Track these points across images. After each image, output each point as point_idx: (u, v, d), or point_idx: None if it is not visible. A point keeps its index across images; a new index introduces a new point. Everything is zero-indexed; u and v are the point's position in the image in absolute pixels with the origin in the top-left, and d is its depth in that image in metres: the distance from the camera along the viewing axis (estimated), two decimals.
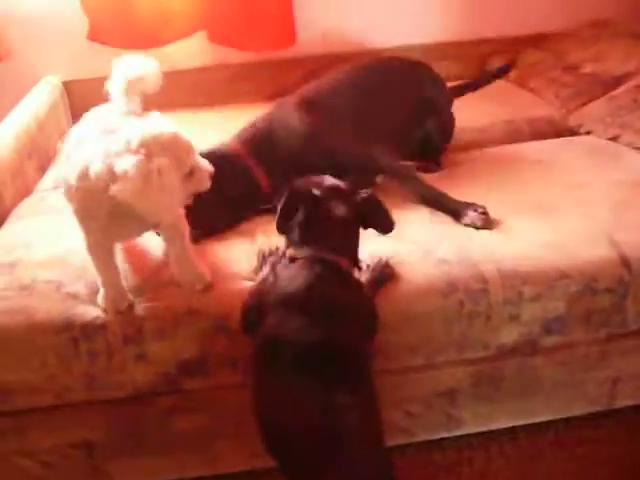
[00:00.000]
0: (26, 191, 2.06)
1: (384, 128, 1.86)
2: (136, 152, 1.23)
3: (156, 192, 1.23)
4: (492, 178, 1.86)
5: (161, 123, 1.31)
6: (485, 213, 1.65)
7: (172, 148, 1.27)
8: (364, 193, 1.38)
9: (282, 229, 1.36)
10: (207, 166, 1.36)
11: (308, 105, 1.79)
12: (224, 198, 1.62)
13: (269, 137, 1.74)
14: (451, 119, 2.06)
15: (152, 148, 1.24)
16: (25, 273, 1.54)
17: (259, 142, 1.73)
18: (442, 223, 1.67)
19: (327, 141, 1.73)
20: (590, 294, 1.54)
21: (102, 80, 1.56)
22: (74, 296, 1.48)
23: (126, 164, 1.22)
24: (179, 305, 1.45)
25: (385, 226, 1.39)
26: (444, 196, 1.72)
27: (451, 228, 1.65)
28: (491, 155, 2.03)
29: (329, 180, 1.38)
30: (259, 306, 1.34)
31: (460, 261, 1.52)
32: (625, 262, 1.55)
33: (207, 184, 1.37)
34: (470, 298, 1.49)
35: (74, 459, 1.54)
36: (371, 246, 1.52)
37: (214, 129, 2.02)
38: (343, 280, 1.33)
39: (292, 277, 1.30)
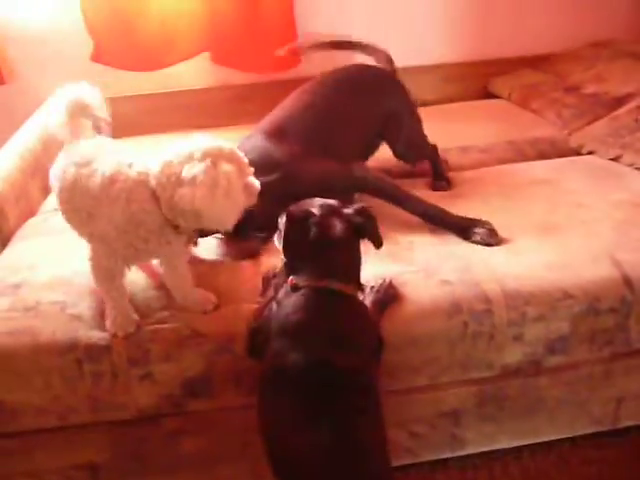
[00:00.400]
0: (30, 212, 2.07)
1: (352, 143, 1.85)
2: (201, 160, 1.27)
3: (223, 198, 1.27)
4: (495, 197, 1.88)
5: (210, 139, 1.34)
6: (492, 229, 1.66)
7: (234, 158, 1.31)
8: (357, 206, 1.38)
9: (286, 254, 1.36)
10: (256, 183, 1.38)
11: (278, 134, 1.75)
12: None
13: None
14: (415, 126, 2.03)
15: (217, 157, 1.28)
16: (30, 294, 1.55)
17: None
18: (444, 243, 1.68)
19: (307, 166, 1.71)
20: (593, 314, 1.54)
21: (106, 101, 1.58)
22: (78, 317, 1.48)
23: (195, 170, 1.25)
24: (184, 328, 1.46)
25: (377, 240, 1.40)
26: (447, 213, 1.73)
27: (453, 248, 1.66)
28: (494, 174, 2.05)
29: (321, 201, 1.38)
30: (264, 332, 1.34)
31: (463, 281, 1.53)
32: (627, 282, 1.56)
33: (255, 200, 1.39)
34: (474, 319, 1.49)
35: None
36: (374, 268, 1.53)
37: None
38: (347, 307, 1.33)
39: (295, 308, 1.30)
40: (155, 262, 1.54)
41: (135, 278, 1.55)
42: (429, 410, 1.58)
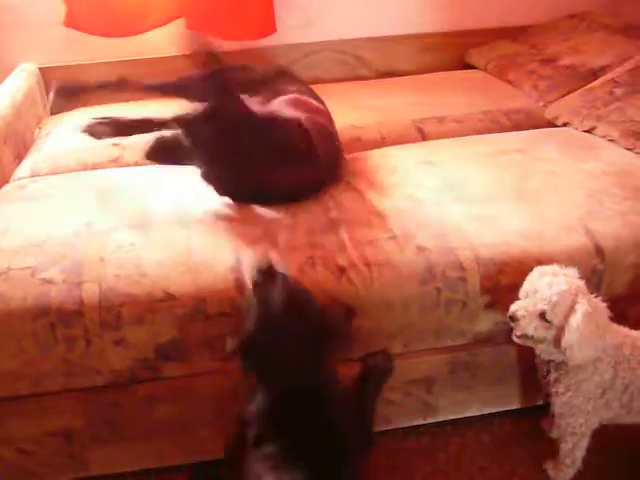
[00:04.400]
0: (3, 178, 2.04)
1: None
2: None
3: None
4: (469, 165, 1.88)
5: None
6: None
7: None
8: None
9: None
10: None
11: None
12: None
13: None
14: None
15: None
16: (0, 260, 1.53)
17: None
18: (420, 209, 1.68)
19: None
20: None
21: (79, 67, 1.55)
22: (50, 282, 1.47)
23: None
24: (156, 290, 1.45)
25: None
26: None
27: (429, 214, 1.66)
28: (469, 143, 2.05)
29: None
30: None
31: (439, 248, 1.54)
32: (599, 251, 1.58)
33: None
34: (447, 286, 1.51)
35: (52, 447, 1.54)
36: (349, 234, 1.53)
37: None
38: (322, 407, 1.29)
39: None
40: None
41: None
42: (403, 377, 1.60)
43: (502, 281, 1.52)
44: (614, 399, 1.44)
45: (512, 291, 1.49)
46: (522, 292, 1.43)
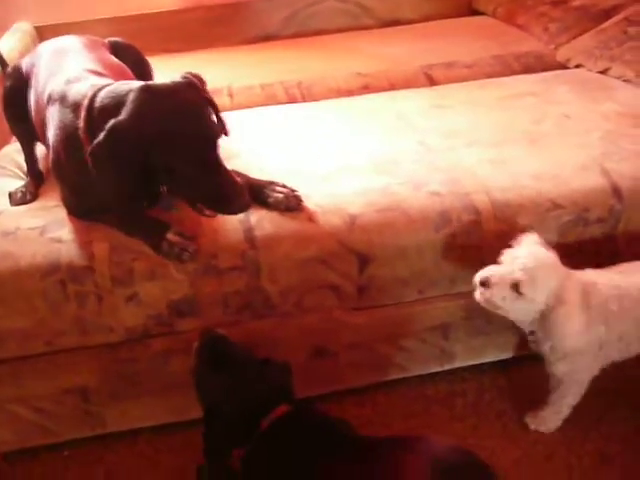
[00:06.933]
0: (2, 140, 2.00)
1: None
2: None
3: None
4: (481, 109, 1.84)
5: None
6: (294, 191, 1.52)
7: None
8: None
9: None
10: None
11: None
12: None
13: None
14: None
15: None
16: (8, 221, 1.51)
17: None
18: (433, 153, 1.64)
19: None
20: (582, 224, 1.53)
21: (74, 25, 1.51)
22: (59, 240, 1.45)
23: None
24: None
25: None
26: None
27: (438, 161, 1.62)
28: (480, 87, 2.01)
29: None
30: None
31: (452, 193, 1.51)
32: (616, 191, 1.54)
33: None
34: (462, 230, 1.48)
35: (68, 405, 1.54)
36: (358, 181, 1.50)
37: None
38: None
39: None
40: None
41: None
42: (418, 324, 1.59)
43: (518, 224, 1.49)
44: (612, 349, 1.43)
45: (526, 232, 1.46)
46: (504, 257, 1.36)
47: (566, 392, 1.48)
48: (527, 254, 1.32)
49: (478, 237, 1.49)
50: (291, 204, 1.48)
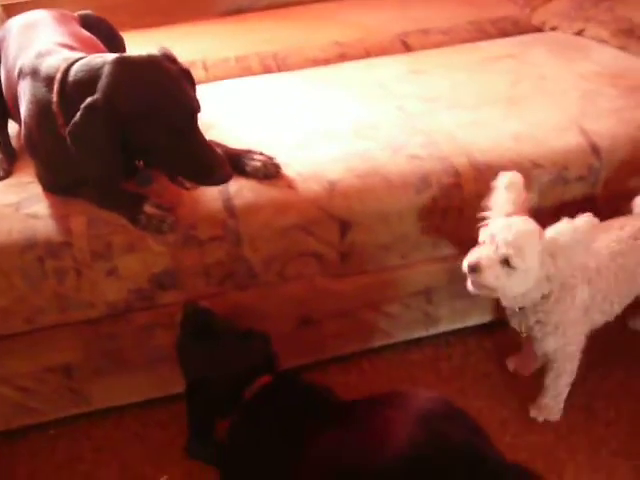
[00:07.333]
0: None
1: None
2: None
3: None
4: (458, 73, 1.83)
5: None
6: (271, 158, 1.50)
7: None
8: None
9: None
10: None
11: None
12: None
13: None
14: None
15: None
16: None
17: None
18: (411, 118, 1.63)
19: None
20: (562, 183, 1.54)
21: (41, 3, 1.47)
22: (34, 216, 1.42)
23: None
24: None
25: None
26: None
27: (417, 124, 1.61)
28: (457, 52, 1.99)
29: None
30: None
31: (432, 156, 1.50)
32: (595, 150, 1.55)
33: None
34: (443, 193, 1.47)
35: (52, 383, 1.52)
36: (336, 146, 1.49)
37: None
38: None
39: None
40: None
41: None
42: (402, 289, 1.59)
43: None
44: (596, 311, 1.42)
45: None
46: (482, 237, 1.32)
47: (561, 370, 1.46)
48: (503, 226, 1.28)
49: (459, 199, 1.49)
50: (269, 172, 1.47)
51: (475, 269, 1.27)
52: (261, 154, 1.50)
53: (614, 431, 1.50)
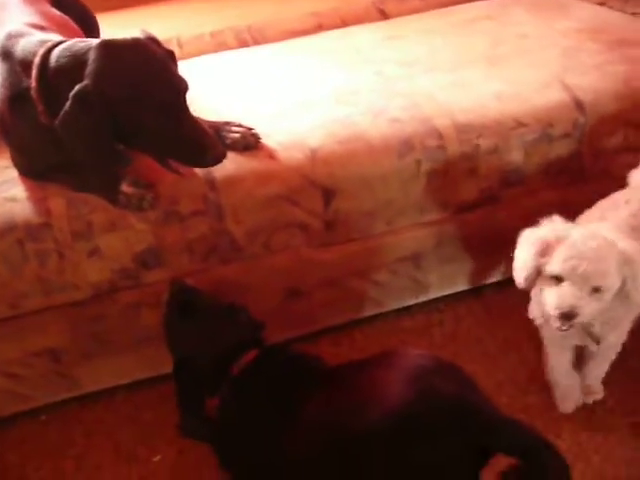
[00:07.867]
0: None
1: None
2: None
3: None
4: (437, 36, 1.81)
5: None
6: (250, 129, 1.48)
7: None
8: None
9: None
10: None
11: None
12: None
13: None
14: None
15: None
16: None
17: None
18: (391, 82, 1.61)
19: None
20: (547, 141, 1.52)
21: None
22: (12, 199, 1.39)
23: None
24: None
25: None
26: None
27: (397, 87, 1.58)
28: (435, 15, 1.97)
29: None
30: None
31: (413, 118, 1.48)
32: (579, 105, 1.53)
33: None
34: (427, 156, 1.45)
35: (40, 368, 1.50)
36: (319, 111, 1.47)
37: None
38: None
39: None
40: None
41: None
42: (389, 256, 1.57)
43: (482, 145, 1.47)
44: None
45: (491, 154, 1.44)
46: (558, 268, 1.20)
47: (611, 354, 1.41)
48: (580, 253, 1.18)
49: (443, 161, 1.47)
50: (249, 142, 1.44)
51: (571, 316, 1.20)
52: (240, 125, 1.47)
53: (610, 389, 1.49)
